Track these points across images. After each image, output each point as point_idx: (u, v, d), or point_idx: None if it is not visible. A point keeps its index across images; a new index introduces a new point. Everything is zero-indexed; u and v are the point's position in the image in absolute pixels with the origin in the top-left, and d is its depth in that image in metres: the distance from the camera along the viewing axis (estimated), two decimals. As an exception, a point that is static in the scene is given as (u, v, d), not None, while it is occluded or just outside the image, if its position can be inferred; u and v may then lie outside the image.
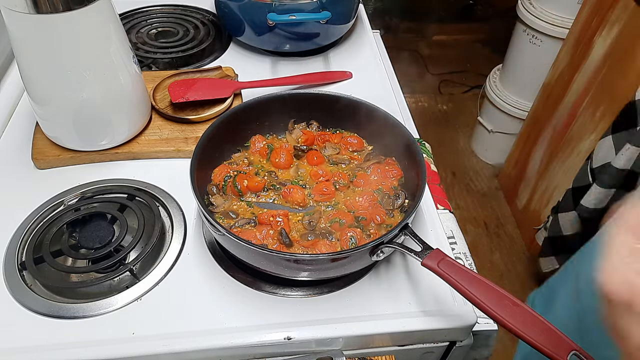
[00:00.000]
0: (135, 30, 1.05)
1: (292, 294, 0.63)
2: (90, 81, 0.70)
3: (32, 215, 0.70)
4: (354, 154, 0.76)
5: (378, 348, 0.62)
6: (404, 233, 0.59)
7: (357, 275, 0.65)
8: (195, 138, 0.81)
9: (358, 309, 0.62)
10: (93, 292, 0.63)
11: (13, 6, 0.61)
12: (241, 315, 0.61)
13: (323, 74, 0.98)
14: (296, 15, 0.92)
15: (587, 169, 1.33)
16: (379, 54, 1.05)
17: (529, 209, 1.92)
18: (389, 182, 0.72)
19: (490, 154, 2.28)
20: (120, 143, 0.79)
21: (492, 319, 0.49)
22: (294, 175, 0.73)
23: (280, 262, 0.57)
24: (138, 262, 0.64)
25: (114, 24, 0.71)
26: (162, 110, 0.84)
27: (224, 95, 0.86)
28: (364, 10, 1.16)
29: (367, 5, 1.80)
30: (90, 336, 0.58)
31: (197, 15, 1.11)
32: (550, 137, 1.75)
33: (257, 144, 0.76)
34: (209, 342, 0.58)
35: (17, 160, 0.78)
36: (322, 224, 0.66)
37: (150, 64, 0.98)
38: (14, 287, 0.62)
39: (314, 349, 0.60)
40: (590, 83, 1.51)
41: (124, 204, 0.70)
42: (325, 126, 0.80)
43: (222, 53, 1.03)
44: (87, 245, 0.66)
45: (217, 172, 0.72)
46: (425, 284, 0.64)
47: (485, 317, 0.57)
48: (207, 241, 0.69)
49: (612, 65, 1.41)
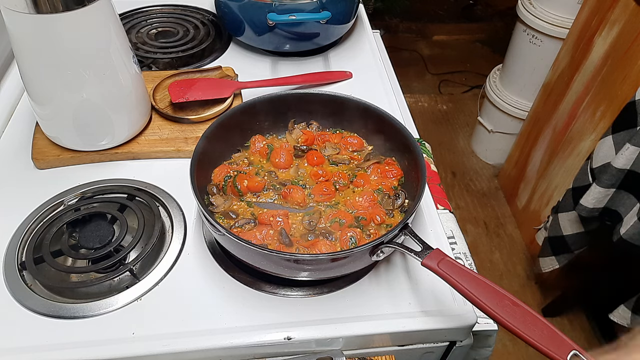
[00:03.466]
0: (135, 30, 1.05)
1: (292, 294, 0.63)
2: (90, 81, 0.70)
3: (32, 215, 0.70)
4: (354, 154, 0.76)
5: (378, 348, 0.62)
6: (404, 233, 0.59)
7: (357, 275, 0.65)
8: (195, 138, 0.81)
9: (358, 309, 0.62)
10: (93, 292, 0.63)
11: (13, 6, 0.61)
12: (241, 315, 0.61)
13: (323, 74, 0.98)
14: (296, 15, 0.92)
15: (587, 169, 1.33)
16: (379, 54, 1.05)
17: (529, 209, 1.92)
18: (389, 182, 0.72)
19: (490, 154, 2.28)
20: (120, 143, 0.79)
21: (492, 319, 0.49)
22: (294, 175, 0.73)
23: (280, 262, 0.57)
24: (138, 262, 0.64)
25: (114, 24, 0.71)
26: (162, 110, 0.84)
27: (224, 95, 0.86)
28: (364, 10, 1.16)
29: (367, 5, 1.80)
30: (90, 336, 0.58)
31: (197, 15, 1.11)
32: (550, 137, 1.75)
33: (257, 144, 0.76)
34: (209, 342, 0.58)
35: (17, 160, 0.78)
36: (322, 224, 0.66)
37: (150, 64, 0.98)
38: (14, 287, 0.62)
39: (314, 349, 0.60)
40: (590, 83, 1.51)
41: (124, 204, 0.70)
42: (325, 126, 0.80)
43: (222, 53, 1.03)
44: (87, 245, 0.66)
45: (217, 172, 0.72)
46: (425, 284, 0.64)
47: (485, 317, 0.57)
48: (207, 241, 0.69)
49: (612, 65, 1.41)
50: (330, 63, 1.02)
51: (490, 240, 2.01)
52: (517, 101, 2.02)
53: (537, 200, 1.85)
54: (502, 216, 2.10)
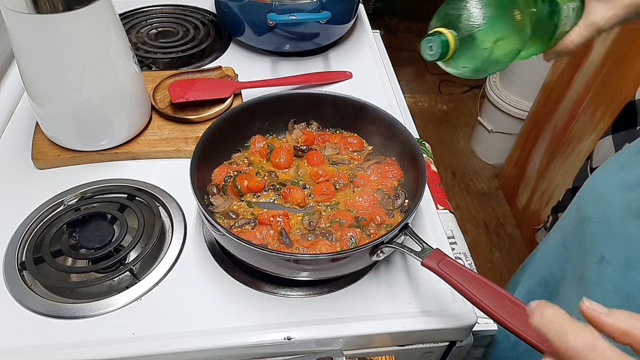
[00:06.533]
0: (135, 30, 1.05)
1: (292, 294, 0.63)
2: (90, 81, 0.70)
3: (32, 215, 0.70)
4: (354, 154, 0.77)
5: (378, 348, 0.62)
6: (404, 233, 0.59)
7: (357, 275, 0.65)
8: (195, 138, 0.81)
9: (358, 309, 0.62)
10: (93, 292, 0.63)
11: (13, 6, 0.61)
12: (241, 315, 0.61)
13: (323, 74, 0.98)
14: (296, 15, 0.92)
15: (587, 169, 1.33)
16: (379, 54, 1.05)
17: (529, 209, 1.92)
18: (389, 182, 0.72)
19: (490, 154, 2.28)
20: (120, 143, 0.79)
21: (492, 319, 0.49)
22: (294, 175, 0.73)
23: (280, 262, 0.57)
24: (138, 262, 0.64)
25: (114, 24, 0.71)
26: (162, 110, 0.84)
27: (224, 95, 0.86)
28: (364, 10, 1.16)
29: (367, 5, 1.80)
30: (90, 336, 0.58)
31: (197, 15, 1.11)
32: (550, 137, 1.75)
33: (257, 144, 0.76)
34: (209, 342, 0.58)
35: (17, 160, 0.78)
36: (322, 224, 0.66)
37: (150, 64, 0.98)
38: (14, 287, 0.62)
39: (314, 349, 0.60)
40: (590, 83, 1.51)
41: (124, 204, 0.70)
42: (325, 126, 0.80)
43: (222, 53, 1.03)
44: (87, 245, 0.66)
45: (217, 172, 0.72)
46: (425, 284, 0.64)
47: (485, 317, 0.57)
48: (207, 241, 0.69)
49: (612, 65, 1.41)
50: (330, 63, 1.02)
51: (490, 240, 2.01)
52: (517, 101, 2.02)
53: (537, 200, 1.85)
54: (502, 216, 2.10)
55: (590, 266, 0.65)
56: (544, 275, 0.79)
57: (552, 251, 0.78)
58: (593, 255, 0.65)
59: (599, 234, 0.65)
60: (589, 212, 0.68)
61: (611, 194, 0.64)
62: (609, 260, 0.62)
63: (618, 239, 0.62)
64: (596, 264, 0.63)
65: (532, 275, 0.83)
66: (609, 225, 0.63)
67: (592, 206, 0.67)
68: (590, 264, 0.65)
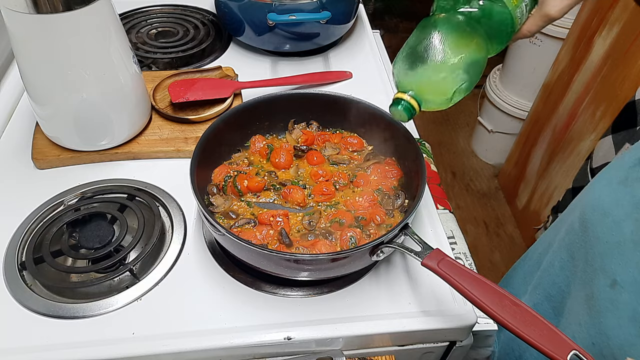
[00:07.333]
0: (135, 30, 1.05)
1: (292, 294, 0.63)
2: (90, 81, 0.70)
3: (32, 215, 0.70)
4: (354, 154, 0.77)
5: (378, 348, 0.62)
6: (404, 233, 0.59)
7: (357, 275, 0.65)
8: (195, 138, 0.81)
9: (358, 309, 0.62)
10: (93, 292, 0.63)
11: (13, 6, 0.61)
12: (241, 315, 0.61)
13: (323, 74, 0.98)
14: (296, 15, 0.92)
15: (587, 169, 1.33)
16: (379, 54, 1.05)
17: (529, 209, 1.92)
18: (389, 182, 0.72)
19: (490, 154, 2.28)
20: (120, 143, 0.79)
21: (492, 319, 0.49)
22: (294, 175, 0.73)
23: (280, 262, 0.57)
24: (138, 262, 0.64)
25: (114, 24, 0.71)
26: (162, 110, 0.84)
27: (224, 95, 0.86)
28: (364, 10, 1.16)
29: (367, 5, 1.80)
30: (90, 336, 0.58)
31: (197, 15, 1.11)
32: (550, 137, 1.75)
33: (257, 144, 0.76)
34: (209, 342, 0.58)
35: (17, 160, 0.78)
36: (322, 224, 0.66)
37: (150, 64, 0.98)
38: (14, 287, 0.62)
39: (314, 349, 0.60)
40: (590, 83, 1.51)
41: (124, 204, 0.70)
42: (325, 126, 0.80)
43: (222, 53, 1.03)
44: (87, 245, 0.66)
45: (217, 172, 0.72)
46: (425, 284, 0.64)
47: (485, 317, 0.57)
48: (207, 241, 0.69)
49: (612, 65, 1.41)
50: (330, 63, 1.02)
51: (490, 240, 2.01)
52: (517, 101, 2.02)
53: (537, 200, 1.85)
54: (502, 216, 2.10)
55: (602, 288, 0.63)
56: (550, 291, 0.77)
57: (558, 266, 0.76)
58: (604, 277, 0.63)
59: (609, 254, 0.63)
60: (596, 230, 0.66)
61: (618, 212, 0.63)
62: (622, 285, 0.60)
63: (630, 264, 0.60)
64: (609, 287, 0.62)
65: (538, 288, 0.81)
66: (620, 249, 0.62)
67: (599, 224, 0.66)
68: (601, 286, 0.64)
